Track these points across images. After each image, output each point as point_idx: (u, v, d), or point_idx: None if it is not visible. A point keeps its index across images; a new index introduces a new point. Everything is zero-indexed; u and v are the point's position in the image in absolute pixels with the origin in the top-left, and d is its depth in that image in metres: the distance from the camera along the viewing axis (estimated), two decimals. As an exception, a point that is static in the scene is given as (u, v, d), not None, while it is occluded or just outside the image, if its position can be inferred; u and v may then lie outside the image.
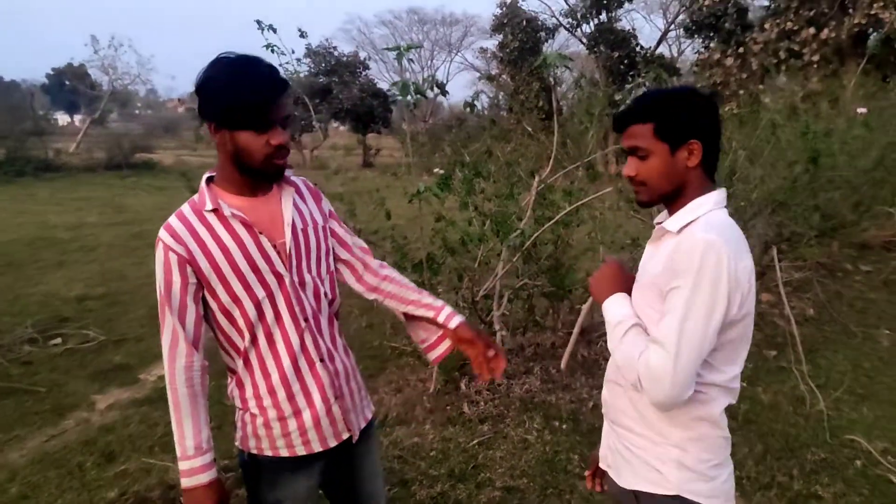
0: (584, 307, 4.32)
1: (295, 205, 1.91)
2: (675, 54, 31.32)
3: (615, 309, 1.74)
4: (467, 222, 4.66)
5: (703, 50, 19.78)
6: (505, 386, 4.65)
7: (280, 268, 1.84)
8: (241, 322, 1.82)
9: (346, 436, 1.99)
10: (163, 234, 1.76)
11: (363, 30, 42.13)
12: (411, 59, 3.59)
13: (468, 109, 4.26)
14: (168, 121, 45.43)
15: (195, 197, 1.82)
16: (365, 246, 2.14)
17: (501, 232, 4.33)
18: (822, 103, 7.81)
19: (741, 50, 16.72)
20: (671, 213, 1.71)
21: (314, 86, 28.52)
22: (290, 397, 1.88)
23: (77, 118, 55.09)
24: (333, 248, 2.04)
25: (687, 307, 1.51)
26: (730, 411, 4.74)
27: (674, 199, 1.69)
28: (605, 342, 5.31)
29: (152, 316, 6.69)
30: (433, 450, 3.97)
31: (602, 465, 1.93)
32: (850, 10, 14.85)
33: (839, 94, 9.08)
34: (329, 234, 2.03)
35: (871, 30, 15.49)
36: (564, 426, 4.22)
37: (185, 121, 40.21)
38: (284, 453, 1.91)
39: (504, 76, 26.66)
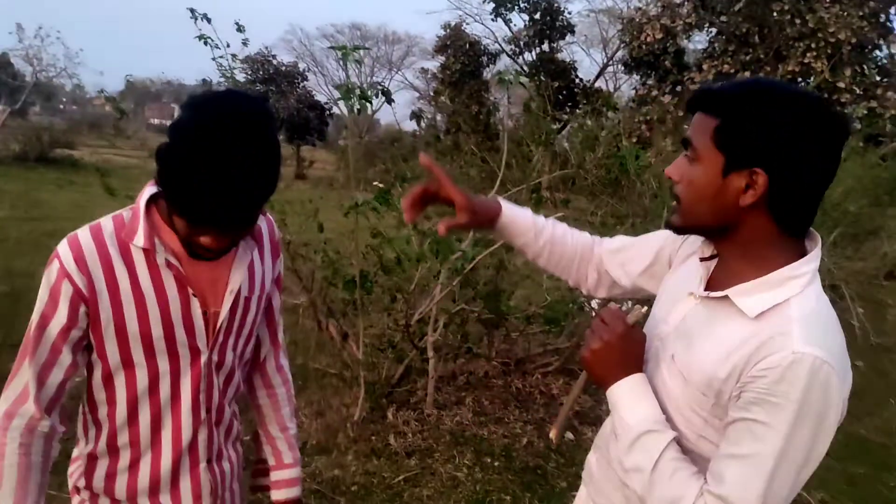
0: (582, 376, 4.04)
1: (251, 266, 1.50)
2: (613, 89, 31.98)
3: (633, 405, 1.23)
4: (405, 240, 4.38)
5: (640, 87, 20.19)
6: (435, 417, 4.37)
7: (201, 342, 1.43)
8: (121, 394, 1.41)
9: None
10: (64, 251, 1.31)
11: (304, 41, 41.42)
12: (356, 66, 3.32)
13: (413, 119, 4.02)
14: (94, 117, 43.64)
15: (124, 215, 1.38)
16: (282, 338, 1.77)
17: (441, 253, 4.07)
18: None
19: (678, 88, 17.09)
20: (725, 264, 1.23)
21: (250, 93, 27.86)
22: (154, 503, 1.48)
23: (-5, 108, 52.55)
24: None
25: (779, 457, 1.06)
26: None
27: (722, 239, 1.22)
28: (542, 374, 5.14)
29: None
30: (355, 484, 3.65)
31: None
32: (785, 58, 15.37)
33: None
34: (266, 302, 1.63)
35: (801, 79, 16.07)
36: (496, 463, 3.97)
37: (111, 118, 38.74)
38: None
39: (444, 97, 26.68)
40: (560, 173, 5.15)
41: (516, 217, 1.55)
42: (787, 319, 1.10)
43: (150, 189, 1.37)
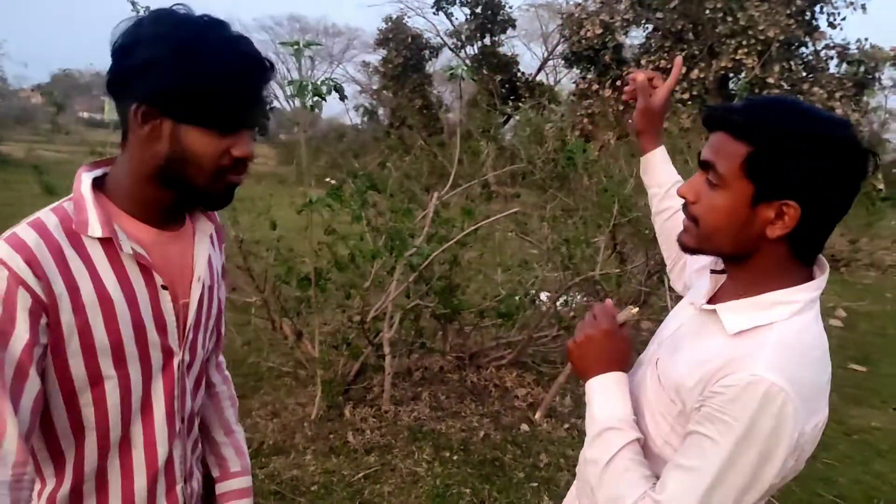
0: (567, 369, 4.05)
1: (210, 250, 1.34)
2: (553, 82, 32.37)
3: (605, 401, 1.25)
4: (359, 237, 4.37)
5: (580, 81, 20.50)
6: (392, 413, 4.37)
7: (173, 341, 1.25)
8: (88, 413, 1.18)
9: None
10: (8, 254, 1.06)
11: (243, 32, 40.54)
12: (296, 59, 3.29)
13: (362, 114, 3.99)
14: (20, 111, 41.89)
15: (65, 206, 1.16)
16: (222, 332, 1.55)
17: (396, 249, 4.08)
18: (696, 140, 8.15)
19: (619, 83, 17.42)
20: (731, 281, 1.22)
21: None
22: None
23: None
24: None
25: (719, 475, 1.05)
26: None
27: (736, 263, 1.20)
28: (496, 367, 5.19)
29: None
30: (315, 483, 3.63)
31: None
32: (718, 54, 15.83)
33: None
34: None
35: (732, 74, 16.57)
36: (455, 457, 4.00)
37: (40, 111, 37.24)
38: None
39: (387, 91, 26.57)
40: (509, 168, 5.20)
41: (665, 164, 1.67)
42: (762, 343, 1.09)
43: (87, 174, 1.19)
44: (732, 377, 1.06)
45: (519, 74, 25.47)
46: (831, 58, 16.85)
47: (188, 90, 1.09)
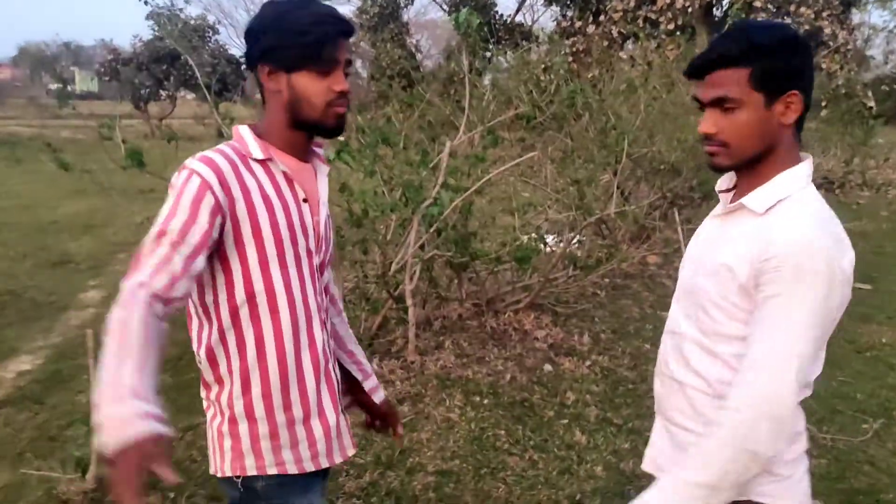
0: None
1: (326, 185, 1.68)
2: (532, 22, 31.88)
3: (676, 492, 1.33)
4: (373, 192, 4.37)
5: (561, 18, 20.19)
6: (419, 363, 4.45)
7: (312, 244, 1.58)
8: (263, 305, 1.50)
9: (350, 452, 1.72)
10: (201, 167, 1.43)
11: (210, -9, 39.70)
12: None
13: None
14: (-11, 87, 40.96)
15: (232, 142, 1.54)
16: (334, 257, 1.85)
17: (412, 201, 4.09)
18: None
19: (601, 18, 17.19)
20: (747, 182, 1.43)
21: (160, 51, 26.62)
22: (305, 400, 1.58)
23: None
24: None
25: (795, 323, 1.28)
26: (639, 374, 4.73)
27: (755, 164, 1.41)
28: (513, 311, 5.27)
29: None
30: (354, 436, 3.69)
31: (649, 468, 1.66)
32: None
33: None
34: None
35: (716, 1, 16.38)
36: (486, 401, 4.09)
37: (9, 88, 36.44)
38: (293, 469, 1.57)
39: (363, 43, 26.09)
40: (515, 112, 5.18)
41: None
42: (790, 210, 1.35)
43: (241, 127, 1.56)
44: (780, 242, 1.30)
45: (498, 16, 25.01)
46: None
47: (288, 44, 1.46)
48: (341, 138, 4.32)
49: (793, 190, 1.37)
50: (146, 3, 4.80)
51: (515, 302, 5.28)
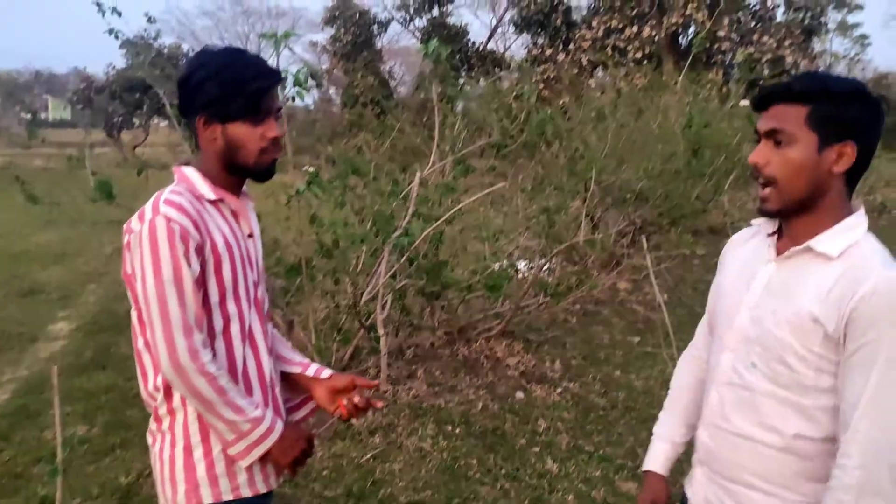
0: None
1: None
2: (503, 49, 32.31)
3: None
4: (343, 223, 4.39)
5: (532, 45, 20.50)
6: (391, 393, 4.45)
7: (257, 276, 1.70)
8: (217, 327, 1.59)
9: (282, 479, 1.76)
10: (172, 212, 1.49)
11: (183, 20, 39.87)
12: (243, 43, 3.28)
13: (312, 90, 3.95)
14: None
15: (180, 183, 1.60)
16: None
17: (383, 231, 4.12)
18: (663, 97, 8.26)
19: (571, 46, 17.49)
20: (802, 227, 1.42)
21: (133, 80, 26.53)
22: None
23: None
24: None
25: (894, 375, 1.28)
26: (610, 401, 4.77)
27: (806, 210, 1.40)
28: (485, 339, 5.29)
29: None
30: (325, 469, 3.70)
31: None
32: (667, 10, 15.98)
33: (667, 87, 9.66)
34: None
35: (682, 30, 16.76)
36: (458, 430, 4.10)
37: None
38: (247, 492, 1.63)
39: (336, 70, 26.23)
40: (487, 142, 5.25)
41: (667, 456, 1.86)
42: (865, 254, 1.35)
43: (183, 167, 1.63)
44: (869, 288, 1.29)
45: (470, 44, 25.33)
46: (778, 6, 17.13)
47: (229, 97, 1.54)
48: (311, 169, 4.36)
49: (859, 235, 1.37)
50: (116, 36, 4.90)
51: (487, 329, 5.31)
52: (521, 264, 5.82)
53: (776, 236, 1.49)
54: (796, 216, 1.43)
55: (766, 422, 1.42)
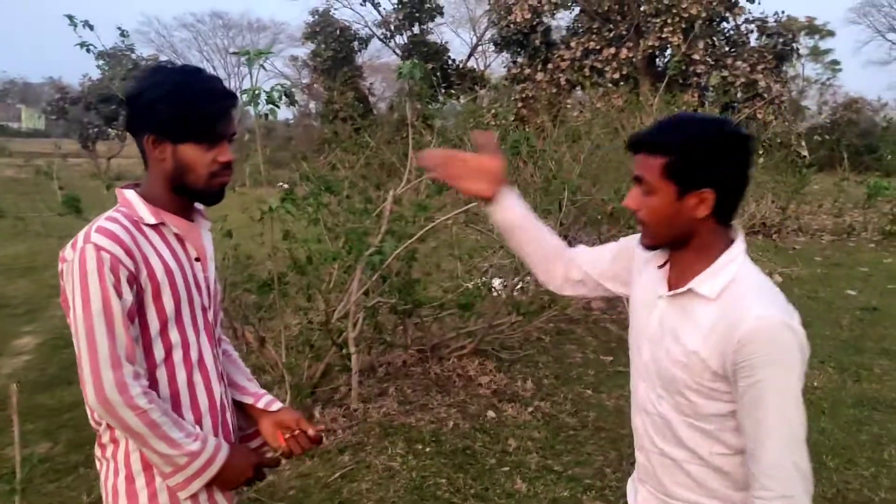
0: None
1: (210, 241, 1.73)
2: (483, 67, 32.54)
3: None
4: (316, 240, 4.38)
5: (511, 64, 20.69)
6: (361, 411, 4.42)
7: (206, 300, 1.65)
8: (159, 356, 1.54)
9: (245, 496, 1.76)
10: (103, 241, 1.45)
11: (162, 32, 39.74)
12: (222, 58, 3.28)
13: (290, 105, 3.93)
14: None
15: (120, 207, 1.56)
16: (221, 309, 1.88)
17: (355, 249, 4.11)
18: (640, 117, 8.36)
19: (550, 66, 17.68)
20: (681, 263, 1.48)
21: (109, 90, 26.34)
22: None
23: None
24: None
25: (786, 405, 1.33)
26: (580, 420, 4.80)
27: (682, 247, 1.47)
28: (458, 357, 5.29)
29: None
30: (292, 488, 3.66)
31: None
32: (644, 33, 16.23)
33: (643, 108, 9.79)
34: None
35: (659, 53, 17.02)
36: (428, 449, 4.08)
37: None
38: None
39: (316, 85, 26.27)
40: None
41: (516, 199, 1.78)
42: (741, 292, 1.40)
43: (126, 190, 1.59)
44: (745, 328, 1.33)
45: (450, 61, 25.51)
46: (751, 31, 17.46)
47: (182, 118, 1.50)
48: (285, 185, 4.35)
49: (734, 271, 1.42)
50: (88, 50, 4.87)
51: (460, 348, 5.31)
52: (496, 282, 5.84)
53: (668, 266, 1.54)
54: (675, 250, 1.50)
55: (684, 443, 1.49)
